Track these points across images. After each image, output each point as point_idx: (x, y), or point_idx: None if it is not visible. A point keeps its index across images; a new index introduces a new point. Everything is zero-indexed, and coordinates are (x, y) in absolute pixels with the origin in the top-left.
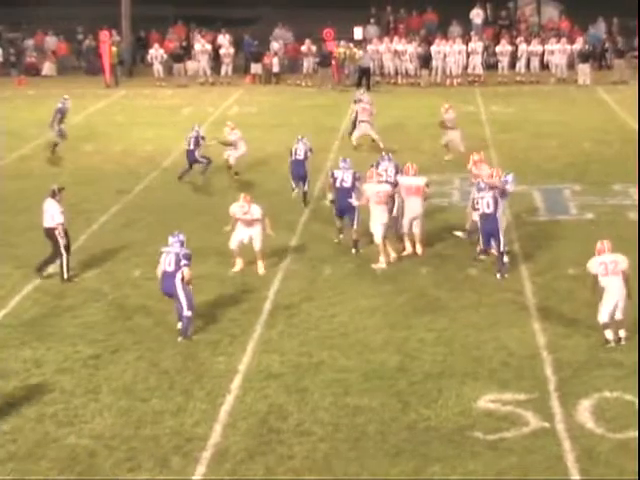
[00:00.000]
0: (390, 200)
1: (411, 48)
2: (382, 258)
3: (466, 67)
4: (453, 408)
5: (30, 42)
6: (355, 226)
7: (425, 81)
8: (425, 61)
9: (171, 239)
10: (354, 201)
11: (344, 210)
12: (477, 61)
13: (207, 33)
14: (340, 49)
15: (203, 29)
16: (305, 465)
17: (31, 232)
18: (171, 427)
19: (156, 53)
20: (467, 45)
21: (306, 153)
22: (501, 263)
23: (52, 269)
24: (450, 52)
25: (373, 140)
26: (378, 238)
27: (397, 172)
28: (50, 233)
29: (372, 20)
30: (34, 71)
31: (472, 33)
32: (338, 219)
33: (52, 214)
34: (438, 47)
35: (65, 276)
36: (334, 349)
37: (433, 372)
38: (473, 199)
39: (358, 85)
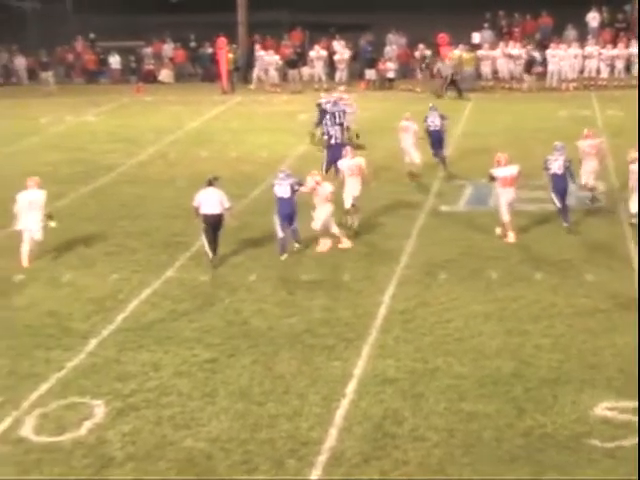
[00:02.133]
0: (362, 172)
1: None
2: (349, 217)
3: (582, 71)
4: (569, 415)
5: (148, 50)
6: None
7: (528, 86)
8: (529, 65)
9: (281, 174)
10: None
11: (336, 161)
12: (594, 65)
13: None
14: (455, 52)
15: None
16: (419, 470)
17: (149, 237)
18: (286, 431)
19: (271, 59)
20: (583, 49)
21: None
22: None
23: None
24: (565, 56)
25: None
26: (347, 204)
27: (443, 119)
28: (218, 219)
29: (486, 25)
30: (152, 78)
31: (588, 37)
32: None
33: (219, 200)
34: (553, 51)
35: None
36: (449, 355)
37: (549, 378)
38: (546, 160)
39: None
